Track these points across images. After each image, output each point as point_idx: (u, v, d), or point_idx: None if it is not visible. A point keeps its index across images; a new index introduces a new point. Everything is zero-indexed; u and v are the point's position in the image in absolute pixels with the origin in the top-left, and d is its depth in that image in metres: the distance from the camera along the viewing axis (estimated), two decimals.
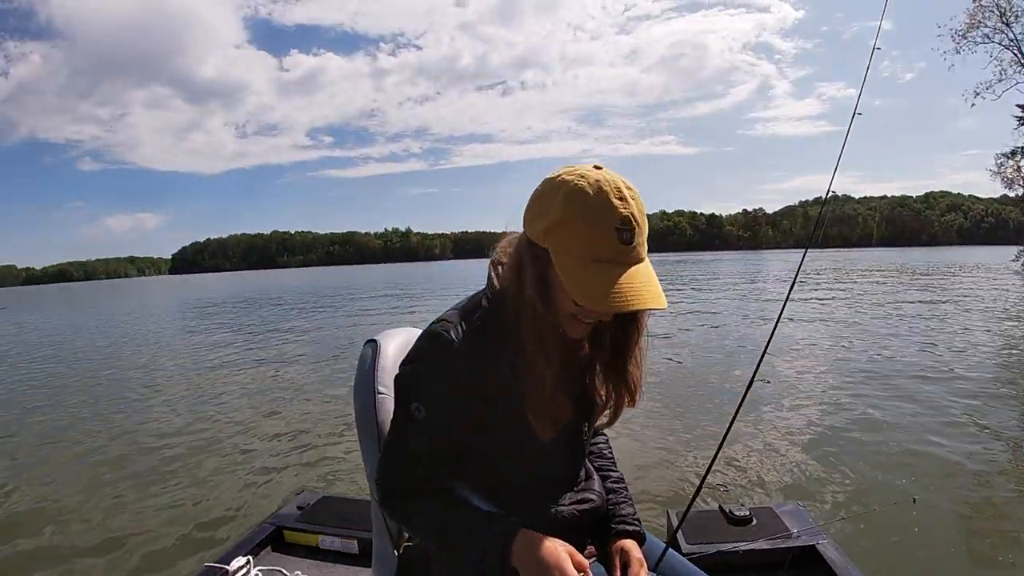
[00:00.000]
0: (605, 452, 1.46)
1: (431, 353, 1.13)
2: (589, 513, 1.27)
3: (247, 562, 2.50)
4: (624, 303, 0.99)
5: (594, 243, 1.00)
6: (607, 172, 1.04)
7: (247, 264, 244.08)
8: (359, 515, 2.86)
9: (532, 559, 1.06)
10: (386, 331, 1.54)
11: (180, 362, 11.62)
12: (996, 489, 4.34)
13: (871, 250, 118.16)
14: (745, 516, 2.61)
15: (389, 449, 1.18)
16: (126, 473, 5.27)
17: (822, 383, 7.87)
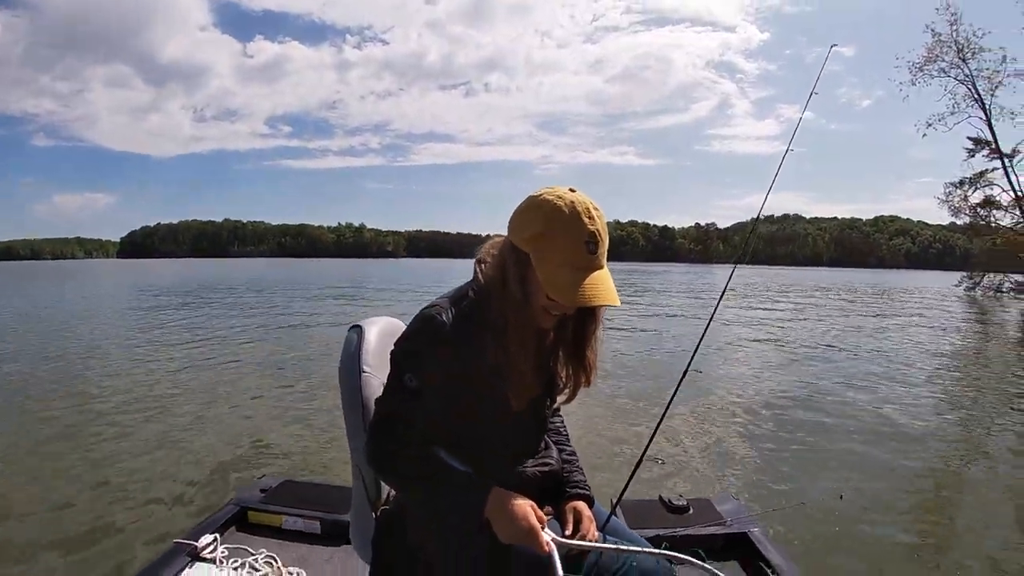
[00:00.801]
0: (561, 430, 1.69)
1: (425, 332, 1.33)
2: (549, 475, 1.49)
3: (214, 539, 2.62)
4: (588, 299, 1.25)
5: (567, 252, 1.25)
6: (580, 194, 1.28)
7: (197, 251, 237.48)
8: (321, 497, 3.00)
9: (503, 511, 1.27)
10: (369, 318, 1.73)
11: (131, 353, 11.35)
12: (918, 489, 4.73)
13: (819, 269, 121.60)
14: (683, 505, 2.86)
15: (382, 413, 1.37)
16: (80, 460, 5.22)
17: (764, 388, 8.42)
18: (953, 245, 67.99)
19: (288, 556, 2.63)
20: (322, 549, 2.72)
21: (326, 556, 2.67)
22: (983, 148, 28.61)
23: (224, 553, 2.60)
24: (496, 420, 1.40)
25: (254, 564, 2.55)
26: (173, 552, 2.55)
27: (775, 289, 36.31)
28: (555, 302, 1.29)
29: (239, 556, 2.60)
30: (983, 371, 10.80)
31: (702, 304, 23.00)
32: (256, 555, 2.60)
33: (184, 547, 2.56)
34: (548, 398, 1.53)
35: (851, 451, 5.64)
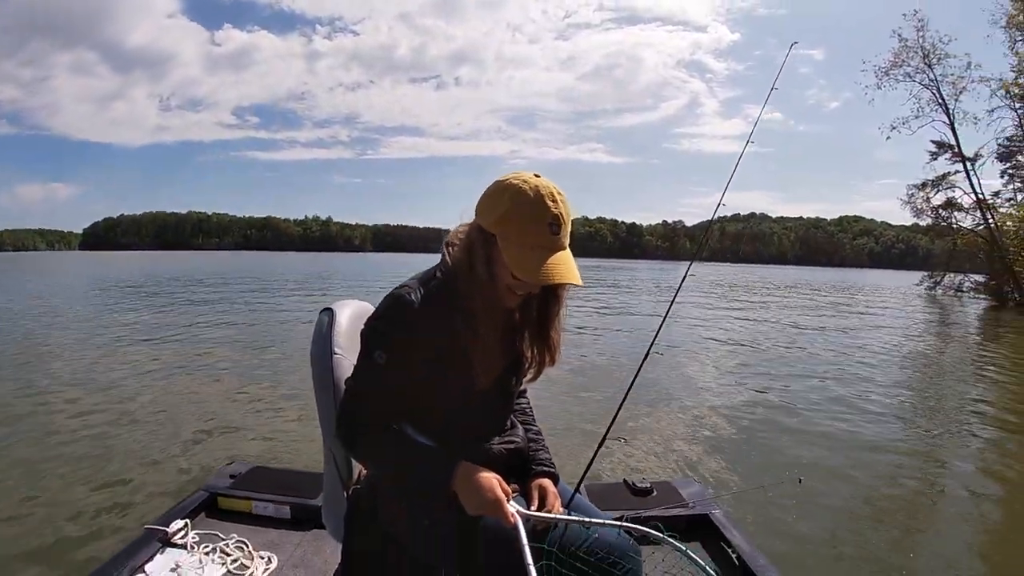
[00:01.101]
0: (527, 410, 1.74)
1: (394, 311, 1.39)
2: (514, 452, 1.54)
3: (184, 525, 2.63)
4: (551, 277, 1.31)
5: (532, 233, 1.31)
6: (544, 179, 1.35)
7: (161, 243, 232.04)
8: (290, 482, 3.03)
9: (469, 484, 1.32)
10: (339, 301, 1.77)
11: (93, 343, 11.16)
12: (876, 474, 4.92)
13: (784, 267, 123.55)
14: (646, 488, 2.96)
15: (352, 389, 1.43)
16: (45, 450, 5.17)
17: (728, 379, 8.73)
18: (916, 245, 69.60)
19: (258, 541, 2.65)
20: (292, 533, 2.75)
21: (296, 540, 2.69)
22: (946, 151, 29.48)
23: (195, 538, 2.61)
24: (463, 397, 1.45)
25: (225, 549, 2.57)
26: (144, 538, 2.56)
27: (740, 286, 37.01)
28: (520, 281, 1.35)
29: (210, 541, 2.61)
30: (942, 366, 11.21)
31: (667, 299, 23.19)
32: (227, 540, 2.61)
33: (155, 533, 2.58)
34: (514, 377, 1.57)
35: (810, 438, 5.85)
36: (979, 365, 11.13)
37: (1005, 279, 27.47)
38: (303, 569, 2.50)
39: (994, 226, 28.07)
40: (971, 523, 4.08)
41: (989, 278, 29.15)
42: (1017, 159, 28.65)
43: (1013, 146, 28.65)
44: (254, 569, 2.46)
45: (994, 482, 4.87)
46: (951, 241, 30.35)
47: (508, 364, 1.52)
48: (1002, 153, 28.91)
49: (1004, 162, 29.13)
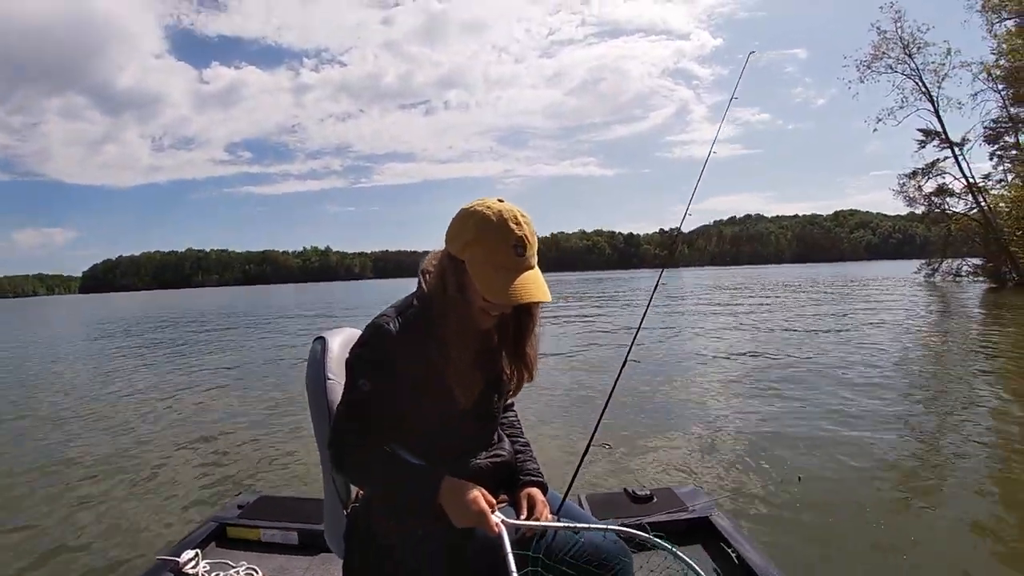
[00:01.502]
0: (514, 423, 1.81)
1: (374, 339, 1.47)
2: (501, 466, 1.61)
3: (195, 555, 2.69)
4: (519, 297, 1.39)
5: (498, 255, 1.38)
6: (507, 204, 1.42)
7: (160, 283, 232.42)
8: (297, 510, 3.08)
9: (454, 498, 1.38)
10: (331, 330, 1.85)
11: (98, 384, 11.24)
12: (877, 470, 4.88)
13: (782, 267, 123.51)
14: (646, 495, 3.01)
15: (340, 415, 1.50)
16: (57, 487, 5.27)
17: (725, 379, 8.82)
18: (913, 234, 69.69)
19: (268, 567, 2.70)
20: (300, 559, 2.80)
21: (304, 565, 2.74)
22: (933, 139, 29.75)
23: (206, 568, 2.66)
24: (446, 416, 1.51)
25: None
26: (155, 569, 2.61)
27: (739, 288, 37.10)
28: (492, 303, 1.42)
29: (220, 570, 2.66)
30: (944, 353, 11.16)
31: (666, 305, 23.41)
32: (237, 567, 2.66)
33: (166, 563, 2.63)
34: (495, 394, 1.63)
35: (809, 435, 5.85)
36: (982, 350, 11.10)
37: (1002, 260, 27.55)
38: None
39: (987, 208, 28.18)
40: (975, 519, 4.01)
41: (986, 261, 29.20)
42: (1004, 140, 28.91)
43: (1000, 127, 28.89)
44: None
45: (1001, 477, 4.83)
46: (946, 227, 30.39)
47: (488, 383, 1.58)
48: (989, 135, 29.20)
49: (992, 144, 29.42)
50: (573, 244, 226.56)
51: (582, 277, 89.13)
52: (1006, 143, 28.83)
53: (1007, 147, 28.79)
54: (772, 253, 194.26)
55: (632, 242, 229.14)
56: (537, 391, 8.18)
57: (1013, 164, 27.35)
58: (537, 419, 6.62)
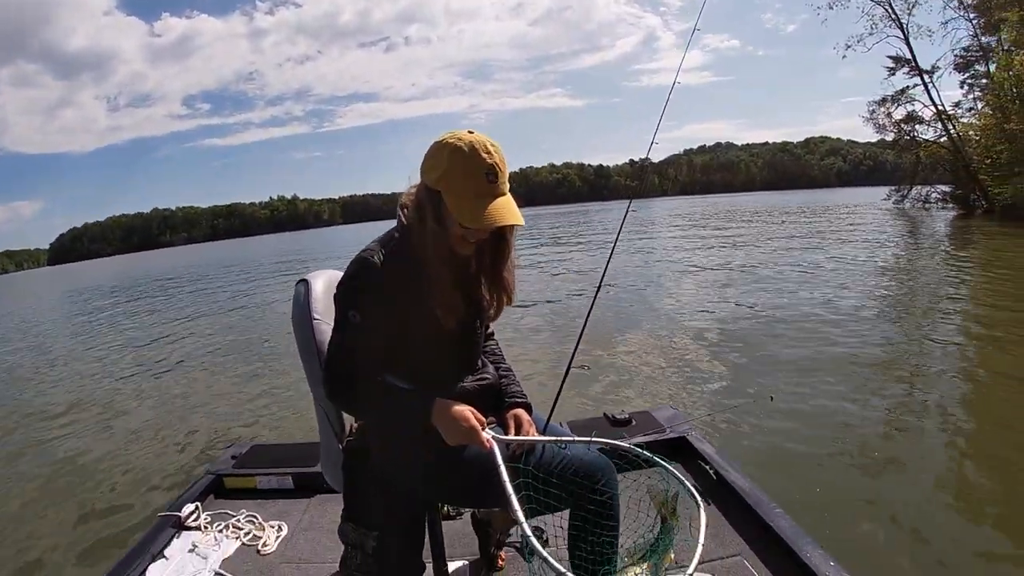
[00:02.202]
0: (496, 351, 1.90)
1: (360, 272, 1.53)
2: (487, 388, 1.70)
3: (196, 508, 2.78)
4: (494, 221, 1.46)
5: (471, 183, 1.46)
6: (478, 134, 1.49)
7: (129, 246, 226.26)
8: (290, 455, 3.19)
9: (445, 417, 1.48)
10: (313, 272, 1.89)
11: (80, 354, 11.24)
12: (846, 387, 5.10)
13: (754, 194, 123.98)
14: (625, 418, 3.14)
15: (333, 349, 1.57)
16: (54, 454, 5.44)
17: (698, 305, 9.25)
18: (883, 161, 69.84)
19: (267, 512, 2.81)
20: (298, 501, 2.91)
21: (303, 507, 2.85)
22: (903, 66, 29.53)
23: (207, 519, 2.77)
24: (432, 341, 1.59)
25: (236, 524, 2.73)
26: (159, 525, 2.71)
27: (709, 218, 37.36)
28: (469, 228, 1.49)
29: (221, 520, 2.77)
30: (914, 275, 11.49)
31: (638, 237, 23.59)
32: (237, 516, 2.77)
33: (169, 519, 2.72)
34: (477, 320, 1.71)
35: (779, 356, 6.12)
36: (951, 271, 11.46)
37: (971, 188, 27.75)
38: (312, 531, 2.66)
39: (956, 136, 28.36)
40: (946, 435, 4.19)
41: (955, 188, 29.37)
42: (975, 68, 28.89)
43: (970, 56, 28.87)
44: (266, 538, 2.62)
45: (967, 388, 5.08)
46: (915, 154, 30.57)
47: (469, 307, 1.65)
48: (959, 64, 29.08)
49: (962, 72, 29.36)
50: (543, 178, 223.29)
51: (553, 211, 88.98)
52: (977, 72, 28.83)
53: (978, 76, 28.77)
54: (743, 181, 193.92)
55: (602, 174, 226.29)
56: (517, 320, 8.42)
57: (983, 92, 27.35)
58: (519, 347, 6.89)
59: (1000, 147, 23.38)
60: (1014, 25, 23.04)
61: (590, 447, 1.58)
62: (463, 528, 2.43)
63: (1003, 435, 4.13)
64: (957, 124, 28.66)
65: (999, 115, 23.58)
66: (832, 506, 3.25)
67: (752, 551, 2.26)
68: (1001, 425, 4.29)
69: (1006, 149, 23.01)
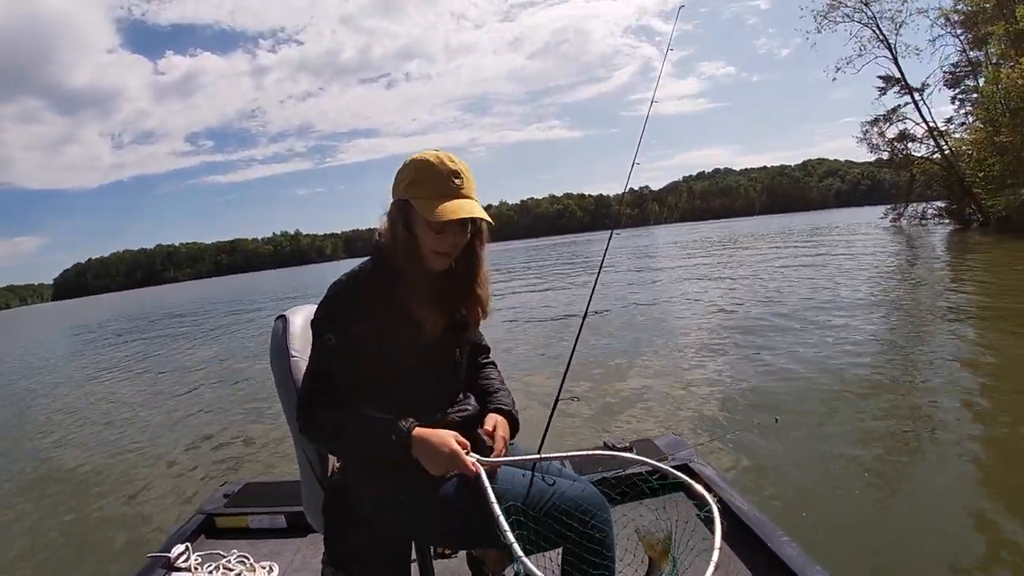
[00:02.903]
0: (492, 375, 1.86)
1: (335, 296, 1.55)
2: (468, 419, 1.64)
3: (186, 548, 2.70)
4: (457, 214, 1.47)
5: (437, 185, 1.50)
6: (440, 150, 1.54)
7: (133, 282, 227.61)
8: (282, 493, 3.11)
9: (426, 447, 1.43)
10: (292, 308, 1.87)
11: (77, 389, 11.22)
12: (851, 410, 5.01)
13: (753, 218, 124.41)
14: (626, 447, 3.05)
15: (308, 375, 1.54)
16: (46, 492, 5.38)
17: (696, 327, 9.24)
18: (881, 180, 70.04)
19: (259, 553, 2.73)
20: (290, 541, 2.84)
21: (295, 547, 2.78)
22: (893, 85, 29.92)
23: (197, 560, 2.67)
24: (408, 363, 1.57)
25: (227, 565, 2.64)
26: (149, 567, 2.62)
27: (709, 242, 37.52)
28: (440, 237, 1.52)
29: (212, 560, 2.68)
30: (911, 295, 11.34)
31: (637, 265, 23.62)
32: (228, 556, 2.69)
33: (159, 560, 2.63)
34: (457, 348, 1.69)
35: (781, 378, 6.02)
36: (950, 285, 11.44)
37: (966, 202, 27.94)
38: (304, 571, 2.59)
39: (949, 152, 28.57)
40: (950, 452, 4.13)
41: (950, 203, 29.61)
42: (965, 83, 29.24)
43: (959, 71, 29.23)
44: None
45: (976, 405, 4.98)
46: (909, 172, 30.79)
47: (448, 326, 1.64)
48: (949, 80, 29.57)
49: (953, 88, 29.80)
50: (544, 209, 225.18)
51: (554, 242, 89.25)
52: (967, 86, 29.21)
53: (968, 91, 29.14)
54: (742, 206, 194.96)
55: (603, 203, 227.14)
56: (508, 351, 8.40)
57: (974, 107, 27.61)
58: (509, 379, 6.71)
59: (992, 160, 23.66)
60: (1001, 38, 23.37)
61: (583, 481, 1.56)
62: (458, 568, 2.36)
63: (1014, 457, 4.03)
64: (949, 139, 29.02)
65: (990, 128, 23.82)
66: (842, 533, 3.18)
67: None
68: (1012, 448, 4.19)
69: (998, 162, 23.28)
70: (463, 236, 1.57)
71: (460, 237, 1.56)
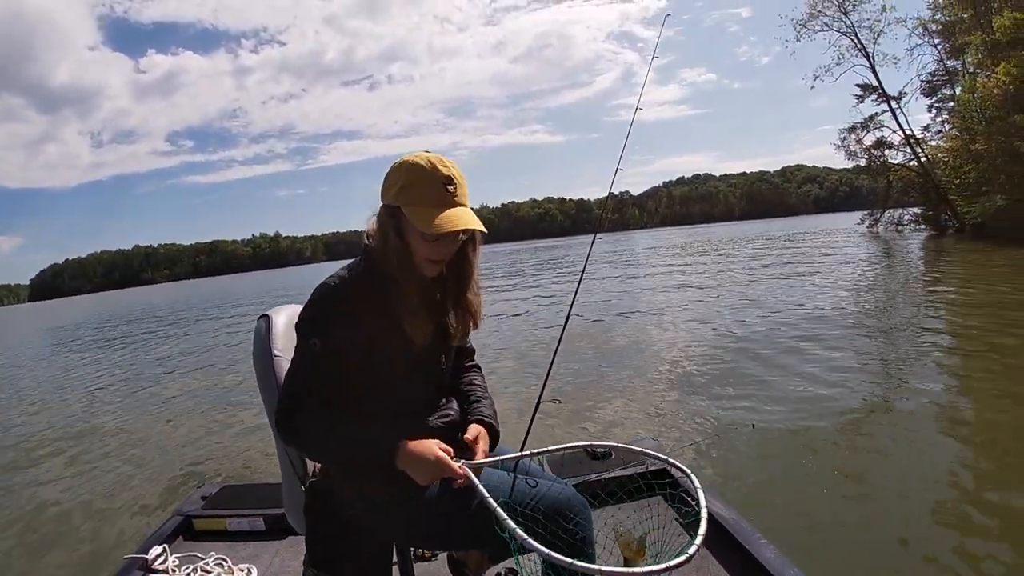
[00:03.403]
0: (476, 380, 1.83)
1: (321, 299, 1.50)
2: (451, 425, 1.63)
3: (163, 550, 2.67)
4: (451, 225, 1.43)
5: (429, 192, 1.45)
6: (433, 153, 1.49)
7: (110, 283, 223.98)
8: (261, 496, 3.10)
9: (412, 457, 1.42)
10: (275, 307, 1.84)
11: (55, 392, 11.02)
12: (827, 415, 5.04)
13: (731, 224, 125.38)
14: (605, 452, 3.07)
15: (290, 378, 1.50)
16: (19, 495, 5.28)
17: (677, 334, 9.21)
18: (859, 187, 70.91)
19: (237, 555, 2.71)
20: (269, 544, 2.82)
21: (273, 549, 2.76)
22: (871, 93, 30.40)
23: (175, 562, 2.65)
24: (396, 371, 1.55)
25: (205, 567, 2.62)
26: (126, 568, 2.59)
27: (687, 247, 37.80)
28: (433, 245, 1.48)
29: (190, 562, 2.65)
30: (886, 299, 11.53)
31: (616, 269, 23.75)
32: (206, 559, 2.67)
33: (136, 562, 2.61)
34: (443, 354, 1.67)
35: (760, 384, 6.06)
36: (924, 290, 11.65)
37: (942, 208, 28.42)
38: (283, 574, 2.57)
39: (925, 159, 29.04)
40: (924, 452, 4.19)
41: (926, 209, 30.09)
42: (942, 92, 29.74)
43: (936, 81, 29.74)
44: None
45: (948, 404, 5.07)
46: (886, 179, 31.24)
47: (435, 333, 1.61)
48: (926, 89, 30.12)
49: (930, 97, 30.35)
50: (524, 213, 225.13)
51: (534, 246, 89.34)
52: (944, 95, 29.71)
53: (945, 99, 29.65)
54: (722, 211, 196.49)
55: (584, 208, 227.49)
56: (491, 355, 8.41)
57: (950, 115, 28.09)
58: (489, 378, 6.72)
59: (967, 167, 24.07)
60: (978, 48, 23.79)
61: (564, 483, 1.58)
62: (437, 569, 2.36)
63: (989, 456, 4.12)
64: (926, 147, 29.52)
65: (966, 136, 24.20)
66: (818, 534, 3.21)
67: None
68: (987, 445, 4.29)
69: (973, 169, 23.74)
70: (456, 244, 1.55)
71: (454, 245, 1.54)
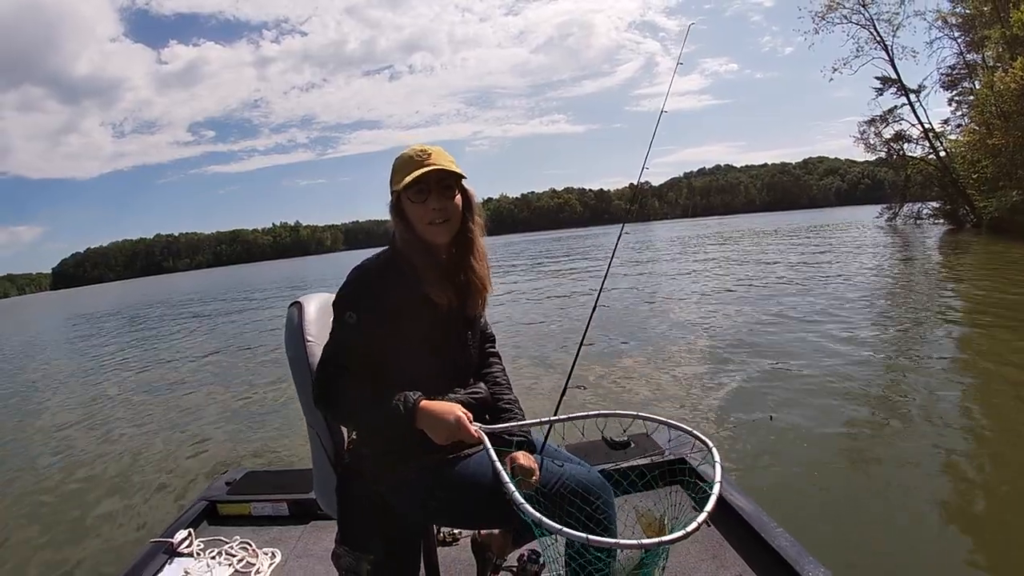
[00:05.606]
0: (500, 380, 1.86)
1: (356, 278, 1.63)
2: (480, 401, 1.69)
3: (188, 534, 2.74)
4: (420, 172, 1.58)
5: (407, 167, 1.62)
6: (418, 144, 1.68)
7: (132, 272, 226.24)
8: (284, 481, 3.16)
9: (431, 416, 1.51)
10: (306, 295, 1.90)
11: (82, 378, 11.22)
12: (847, 407, 5.05)
13: (753, 215, 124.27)
14: (624, 441, 3.11)
15: (327, 353, 1.61)
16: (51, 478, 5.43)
17: (698, 325, 9.19)
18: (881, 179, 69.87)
19: (261, 539, 2.77)
20: (292, 528, 2.87)
21: (297, 534, 2.82)
22: (891, 86, 29.94)
23: (200, 545, 2.73)
24: (425, 344, 1.65)
25: (230, 551, 2.69)
26: (152, 551, 2.66)
27: (709, 238, 37.57)
28: (424, 206, 1.62)
29: (214, 546, 2.73)
30: (905, 293, 11.43)
31: (639, 258, 23.67)
32: (230, 543, 2.73)
33: (161, 545, 2.68)
34: (468, 330, 1.77)
35: (778, 374, 6.07)
36: (943, 284, 11.51)
37: (960, 203, 28.05)
38: (306, 558, 2.62)
39: (944, 153, 28.66)
40: (943, 445, 4.16)
41: (944, 203, 29.72)
42: (962, 86, 29.29)
43: (956, 74, 29.29)
44: (260, 565, 2.58)
45: (968, 400, 5.05)
46: (904, 172, 30.90)
47: (458, 295, 1.71)
48: (946, 82, 29.61)
49: (949, 90, 29.84)
50: (544, 203, 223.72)
51: (553, 236, 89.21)
52: (964, 89, 29.24)
53: (965, 93, 29.16)
54: (743, 203, 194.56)
55: (603, 198, 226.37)
56: (517, 341, 8.53)
57: (970, 109, 27.67)
58: (517, 368, 6.95)
59: (985, 162, 23.73)
60: (997, 42, 23.38)
61: (589, 467, 1.64)
62: (459, 554, 2.40)
63: (1007, 452, 4.08)
64: (945, 141, 29.09)
65: (983, 131, 23.82)
66: (834, 524, 3.23)
67: (753, 571, 2.24)
68: (1005, 442, 4.24)
69: (991, 164, 23.38)
70: (445, 200, 1.63)
71: (442, 201, 1.63)
